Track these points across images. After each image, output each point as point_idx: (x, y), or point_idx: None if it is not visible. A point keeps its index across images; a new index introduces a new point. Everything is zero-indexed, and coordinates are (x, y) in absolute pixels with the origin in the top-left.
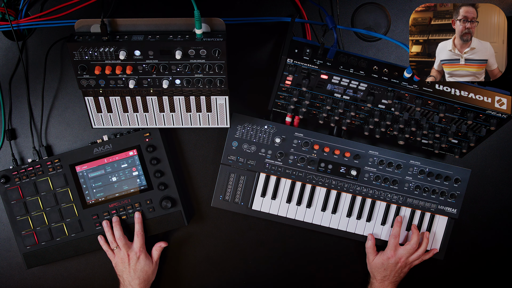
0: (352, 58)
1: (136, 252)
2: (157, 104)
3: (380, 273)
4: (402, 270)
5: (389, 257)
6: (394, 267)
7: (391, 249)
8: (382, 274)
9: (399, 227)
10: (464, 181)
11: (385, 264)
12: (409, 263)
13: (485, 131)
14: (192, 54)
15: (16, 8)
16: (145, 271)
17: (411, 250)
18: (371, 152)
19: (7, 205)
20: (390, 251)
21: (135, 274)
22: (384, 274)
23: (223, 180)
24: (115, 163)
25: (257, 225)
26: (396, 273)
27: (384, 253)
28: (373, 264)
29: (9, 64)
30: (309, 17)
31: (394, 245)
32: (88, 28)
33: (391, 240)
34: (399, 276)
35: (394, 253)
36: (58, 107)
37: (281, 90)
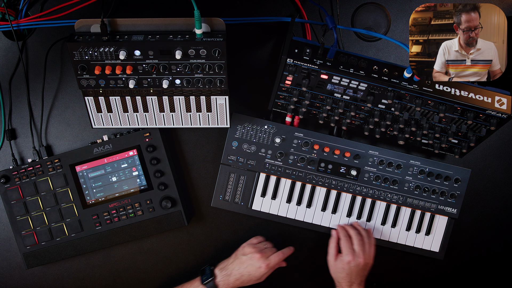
0: (352, 58)
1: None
2: (157, 104)
3: (345, 279)
4: (366, 268)
5: (349, 260)
6: (356, 269)
7: (348, 253)
8: (346, 279)
9: (343, 228)
10: (464, 181)
11: (346, 269)
12: (368, 257)
13: (485, 131)
14: (192, 54)
15: (16, 8)
16: (250, 277)
17: (360, 242)
18: (371, 152)
19: (7, 205)
20: (348, 255)
21: (244, 270)
22: (348, 279)
23: (223, 180)
24: (115, 163)
25: (257, 225)
26: (360, 274)
27: (343, 258)
28: (335, 268)
29: (9, 64)
30: (309, 17)
31: (349, 247)
32: (88, 28)
33: (344, 243)
34: (363, 275)
35: (352, 256)
36: (58, 107)
37: (281, 90)
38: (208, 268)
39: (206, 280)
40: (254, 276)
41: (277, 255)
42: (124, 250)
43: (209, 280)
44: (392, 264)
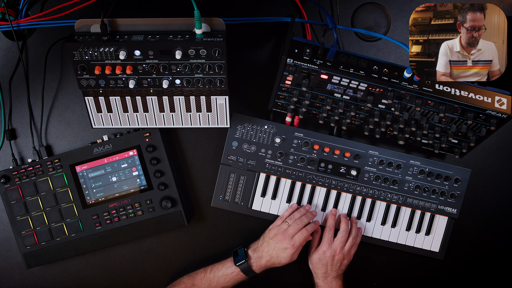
0: (352, 58)
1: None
2: (157, 104)
3: (320, 270)
4: (342, 262)
5: (325, 250)
6: (331, 260)
7: (325, 242)
8: (322, 270)
9: (333, 220)
10: (464, 181)
11: (322, 259)
12: (346, 253)
13: (485, 131)
14: (192, 54)
15: (16, 8)
16: (280, 259)
17: (343, 239)
18: (371, 152)
19: (7, 205)
20: (325, 244)
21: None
22: (323, 270)
23: (223, 180)
24: (115, 163)
25: (257, 225)
26: (335, 267)
27: (320, 247)
28: (312, 259)
29: (9, 64)
30: (309, 17)
31: (328, 238)
32: (88, 28)
33: (326, 234)
34: (339, 269)
35: (328, 247)
36: (58, 107)
37: (281, 90)
38: (242, 249)
39: (240, 261)
40: (283, 258)
41: (301, 233)
42: (124, 250)
43: (243, 261)
44: (392, 264)
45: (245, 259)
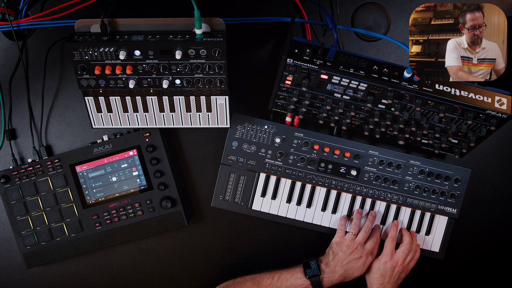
0: (352, 58)
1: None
2: (157, 104)
3: (377, 280)
4: (400, 276)
5: (386, 261)
6: (391, 272)
7: (387, 253)
8: (379, 281)
9: (396, 231)
10: (464, 181)
11: (381, 270)
12: (406, 266)
13: (485, 131)
14: (192, 54)
15: (16, 8)
16: (354, 270)
17: (406, 251)
18: (371, 152)
19: (7, 205)
20: (387, 255)
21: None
22: (380, 281)
23: (223, 180)
24: (115, 163)
25: (257, 225)
26: (393, 279)
27: (381, 257)
28: (371, 268)
29: (9, 64)
30: (309, 17)
31: (391, 249)
32: (88, 28)
33: (388, 244)
34: (396, 282)
35: (390, 257)
36: (58, 107)
37: (281, 90)
38: (315, 261)
39: (312, 274)
40: (357, 268)
41: (371, 241)
42: (124, 250)
43: (316, 275)
44: None
45: (318, 273)
